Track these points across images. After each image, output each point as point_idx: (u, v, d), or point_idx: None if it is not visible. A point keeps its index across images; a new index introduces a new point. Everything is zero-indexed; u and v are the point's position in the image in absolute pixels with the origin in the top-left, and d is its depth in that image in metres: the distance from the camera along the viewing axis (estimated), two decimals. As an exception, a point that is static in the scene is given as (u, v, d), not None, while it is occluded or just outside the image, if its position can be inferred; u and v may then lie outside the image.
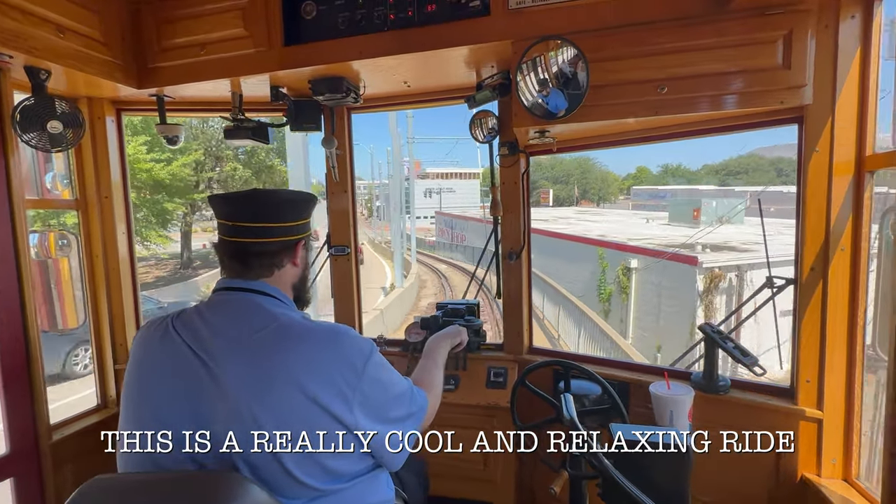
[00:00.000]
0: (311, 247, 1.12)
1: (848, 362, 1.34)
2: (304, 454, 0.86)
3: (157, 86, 1.87)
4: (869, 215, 1.29)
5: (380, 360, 0.97)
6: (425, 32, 1.57)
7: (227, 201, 1.01)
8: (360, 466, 0.95)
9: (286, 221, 1.01)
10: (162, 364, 0.93)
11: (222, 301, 0.98)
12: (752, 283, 10.53)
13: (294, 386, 0.86)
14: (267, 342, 0.89)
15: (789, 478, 1.43)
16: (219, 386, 0.87)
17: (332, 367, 0.89)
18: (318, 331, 0.93)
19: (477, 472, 1.86)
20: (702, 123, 1.58)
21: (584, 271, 15.94)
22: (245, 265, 0.99)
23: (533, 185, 12.05)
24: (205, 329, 0.92)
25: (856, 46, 1.27)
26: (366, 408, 0.92)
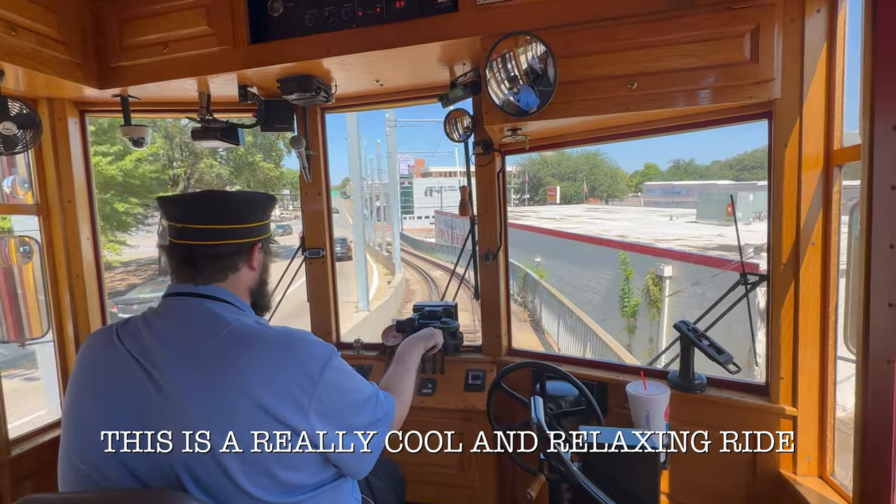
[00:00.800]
0: (270, 250, 1.08)
1: (821, 358, 1.33)
2: (255, 466, 0.81)
3: (121, 86, 1.81)
4: (838, 210, 1.29)
5: (339, 365, 0.93)
6: (394, 29, 1.54)
7: (176, 202, 0.96)
8: (320, 477, 0.91)
9: (241, 223, 0.97)
10: (104, 376, 0.88)
11: (170, 307, 0.93)
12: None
13: (242, 394, 0.81)
14: (215, 350, 0.84)
15: (766, 476, 1.41)
16: (163, 397, 0.82)
17: (285, 375, 0.85)
18: (271, 336, 0.89)
19: (455, 478, 1.83)
20: (674, 120, 1.57)
21: (603, 278, 13.71)
22: (196, 269, 0.94)
23: (539, 181, 12.27)
24: (150, 338, 0.87)
25: (822, 41, 1.27)
26: (324, 416, 0.87)
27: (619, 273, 12.54)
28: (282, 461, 0.84)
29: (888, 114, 0.90)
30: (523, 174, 60.43)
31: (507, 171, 10.68)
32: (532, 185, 60.42)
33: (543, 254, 18.19)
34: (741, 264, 1.52)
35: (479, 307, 2.08)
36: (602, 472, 0.99)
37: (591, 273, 14.42)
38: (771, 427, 1.40)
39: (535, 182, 60.52)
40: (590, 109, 1.42)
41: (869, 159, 0.95)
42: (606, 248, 13.84)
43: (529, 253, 18.97)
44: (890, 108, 0.89)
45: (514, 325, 2.04)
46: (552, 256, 17.43)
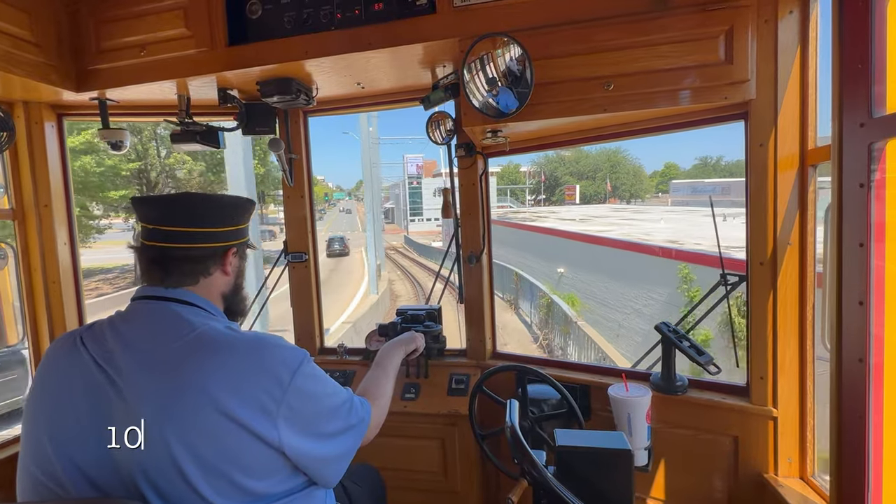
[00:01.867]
0: (245, 255, 1.06)
1: (800, 359, 1.33)
2: (218, 474, 0.79)
3: (98, 88, 1.78)
4: (814, 209, 1.29)
5: (311, 371, 0.91)
6: (373, 31, 1.53)
7: (150, 204, 0.94)
8: (288, 485, 0.89)
9: (215, 227, 0.95)
10: (65, 382, 0.86)
11: (137, 311, 0.91)
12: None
13: (205, 399, 0.79)
14: (180, 354, 0.82)
15: (747, 478, 1.40)
16: (125, 403, 0.80)
17: (253, 380, 0.82)
18: (239, 341, 0.86)
19: (437, 483, 1.80)
20: (653, 121, 1.57)
21: (653, 298, 10.38)
22: (166, 272, 0.92)
23: (556, 180, 12.00)
24: (115, 342, 0.85)
25: (795, 42, 1.28)
26: (293, 423, 0.85)
27: (678, 293, 9.23)
28: (247, 469, 0.81)
29: (855, 111, 0.90)
30: (539, 173, 56.74)
31: (522, 170, 10.76)
32: (549, 184, 57.24)
33: (568, 263, 15.30)
34: (721, 264, 1.52)
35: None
36: (577, 475, 0.97)
37: (633, 290, 10.97)
38: (751, 428, 1.40)
39: (552, 181, 57.41)
40: (567, 111, 1.41)
41: (838, 157, 0.95)
42: (652, 256, 10.50)
43: (550, 261, 16.48)
44: (857, 105, 0.90)
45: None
46: (579, 266, 14.21)
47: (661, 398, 1.51)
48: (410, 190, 55.37)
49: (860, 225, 0.90)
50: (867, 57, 0.87)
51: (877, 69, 0.86)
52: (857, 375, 0.92)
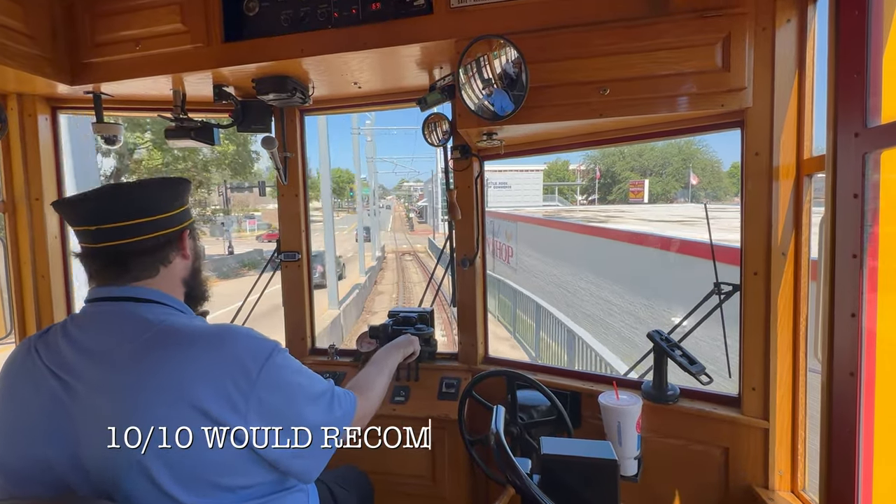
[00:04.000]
0: (197, 235, 1.03)
1: (792, 370, 1.32)
2: (189, 473, 0.77)
3: (93, 82, 1.77)
4: (808, 220, 1.28)
5: (284, 362, 0.87)
6: (369, 30, 1.53)
7: (79, 203, 0.89)
8: (266, 480, 0.86)
9: (161, 213, 0.90)
10: (19, 391, 0.83)
11: (90, 315, 0.87)
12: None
13: (171, 397, 0.76)
14: (142, 351, 0.79)
15: (737, 490, 1.39)
16: (82, 409, 0.78)
17: (219, 373, 0.79)
18: (203, 334, 0.83)
19: (425, 488, 1.78)
20: (649, 127, 1.56)
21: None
22: (124, 268, 0.88)
23: (613, 177, 11.31)
24: (69, 348, 0.82)
25: (793, 50, 1.27)
26: (264, 416, 0.82)
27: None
28: (218, 466, 0.79)
29: (850, 121, 0.89)
30: (593, 170, 48.47)
31: (572, 168, 10.42)
32: (605, 182, 48.54)
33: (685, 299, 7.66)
34: (715, 273, 1.51)
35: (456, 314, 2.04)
36: (562, 484, 0.95)
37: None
38: (742, 440, 1.38)
39: (609, 178, 48.65)
40: (563, 115, 1.40)
41: (833, 167, 0.94)
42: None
43: (649, 295, 9.26)
44: (852, 115, 0.88)
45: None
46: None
47: (652, 407, 1.49)
48: (444, 186, 49.37)
49: (854, 236, 0.89)
50: (863, 67, 0.86)
51: (872, 80, 0.85)
52: (848, 389, 0.91)
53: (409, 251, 35.68)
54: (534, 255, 17.16)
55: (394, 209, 46.26)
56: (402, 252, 32.53)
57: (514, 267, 19.13)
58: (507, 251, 20.72)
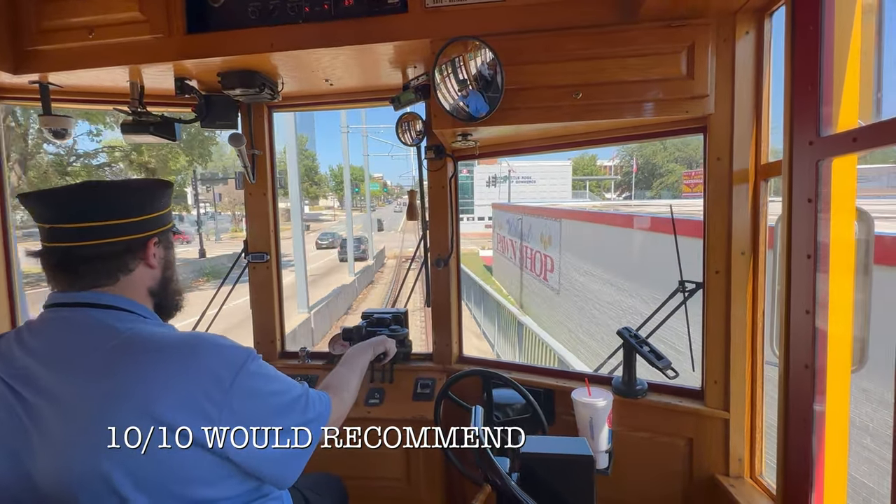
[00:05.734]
0: (171, 244, 0.97)
1: (750, 363, 1.39)
2: (159, 489, 0.73)
3: (38, 72, 1.65)
4: (765, 221, 1.35)
5: (257, 368, 0.84)
6: (342, 26, 1.49)
7: (44, 199, 0.84)
8: (241, 490, 0.83)
9: (126, 217, 0.85)
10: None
11: (48, 321, 0.82)
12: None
13: (139, 409, 0.72)
14: (106, 362, 0.74)
15: (700, 478, 1.46)
16: (39, 423, 0.72)
17: (188, 384, 0.76)
18: (171, 343, 0.79)
19: (400, 490, 1.77)
20: (618, 131, 1.61)
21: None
22: (74, 274, 0.82)
23: (654, 170, 10.71)
24: (25, 357, 0.77)
25: (751, 61, 1.34)
26: (238, 425, 0.78)
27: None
28: (190, 480, 0.75)
29: (805, 130, 0.95)
30: (628, 163, 42.98)
31: (600, 164, 10.07)
32: (643, 176, 42.92)
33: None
34: (680, 272, 1.58)
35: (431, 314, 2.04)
36: (540, 481, 0.97)
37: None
38: (705, 430, 1.45)
39: (647, 171, 42.96)
40: (537, 117, 1.43)
41: (788, 173, 1.00)
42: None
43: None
44: (806, 124, 0.94)
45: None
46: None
47: (622, 402, 1.54)
48: (459, 180, 45.09)
49: (808, 237, 0.95)
50: (816, 80, 0.92)
51: (825, 91, 0.91)
52: (803, 380, 0.97)
53: (408, 258, 31.97)
54: (592, 271, 10.32)
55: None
56: (405, 258, 26.88)
57: (556, 287, 12.50)
58: (543, 263, 13.80)
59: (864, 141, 0.81)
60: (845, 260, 0.95)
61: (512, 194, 33.91)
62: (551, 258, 13.07)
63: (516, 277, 17.19)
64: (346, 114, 19.54)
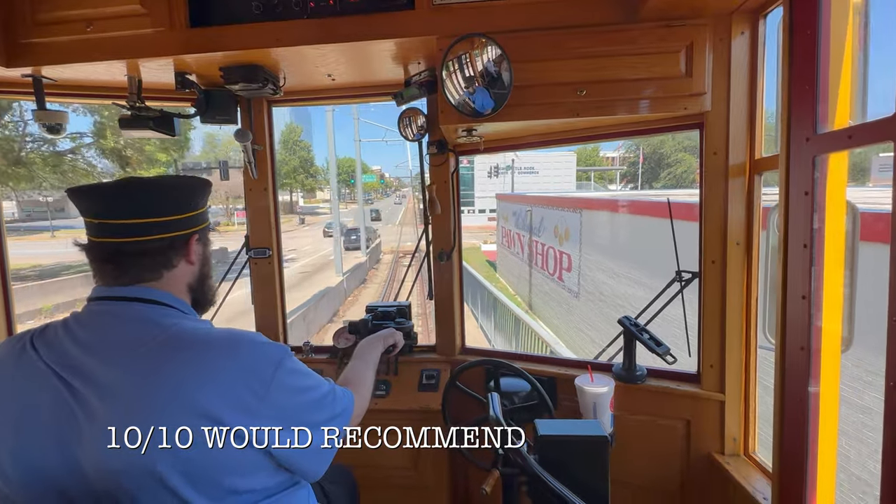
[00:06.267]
0: (209, 241, 0.99)
1: (745, 348, 1.47)
2: (202, 477, 0.75)
3: (32, 65, 1.61)
4: (759, 213, 1.43)
5: (293, 365, 0.88)
6: (348, 22, 1.50)
7: (91, 195, 0.85)
8: (271, 482, 0.86)
9: (172, 214, 0.87)
10: (17, 391, 0.78)
11: (96, 313, 0.83)
12: None
13: (185, 403, 0.75)
14: (150, 357, 0.77)
15: (698, 457, 1.54)
16: (89, 413, 0.74)
17: (232, 379, 0.78)
18: (215, 340, 0.82)
19: (408, 479, 1.81)
20: (616, 126, 1.66)
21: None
22: (121, 269, 0.84)
23: (661, 160, 10.38)
24: (73, 347, 0.78)
25: (746, 60, 1.40)
26: (277, 419, 0.82)
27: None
28: (231, 469, 0.78)
29: (802, 127, 1.01)
30: (635, 154, 39.88)
31: (607, 155, 9.76)
32: (649, 166, 39.41)
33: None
34: (677, 262, 1.65)
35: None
36: (558, 463, 1.02)
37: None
38: (702, 412, 1.53)
39: (654, 161, 39.57)
40: (542, 113, 1.46)
41: (786, 167, 1.06)
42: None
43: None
44: (804, 122, 1.01)
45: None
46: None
47: (623, 387, 1.61)
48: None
49: (804, 228, 1.02)
50: (813, 80, 0.98)
51: (821, 90, 0.98)
52: (799, 361, 1.04)
53: (412, 252, 26.34)
54: (622, 272, 8.39)
55: (408, 200, 42.34)
56: (403, 253, 24.87)
57: (575, 290, 10.57)
58: (557, 260, 11.76)
59: (858, 138, 0.88)
60: (837, 248, 1.02)
61: (515, 185, 31.91)
62: (569, 256, 10.94)
63: (525, 275, 15.18)
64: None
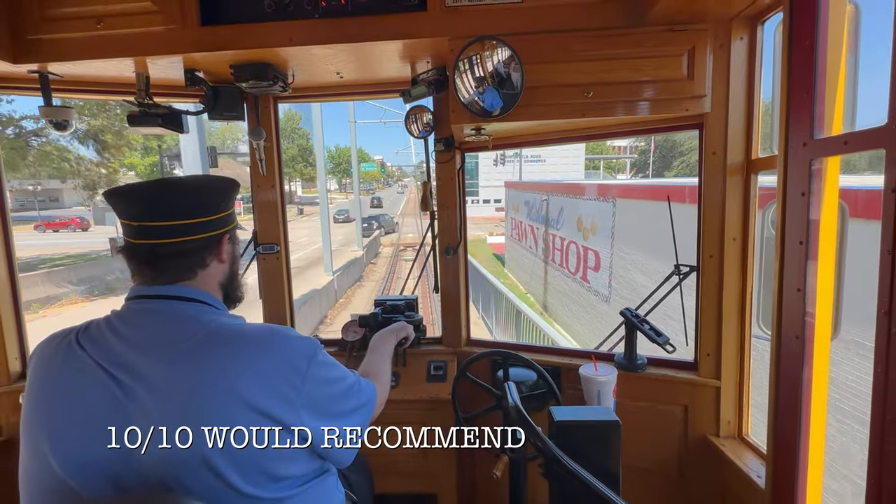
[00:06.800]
0: (238, 239, 1.03)
1: (740, 337, 1.56)
2: (246, 463, 0.80)
3: (40, 61, 1.61)
4: (755, 210, 1.51)
5: (324, 358, 0.93)
6: (360, 23, 1.53)
7: (128, 197, 0.88)
8: (309, 468, 0.92)
9: (206, 215, 0.91)
10: (66, 387, 0.81)
11: (138, 312, 0.87)
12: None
13: (229, 394, 0.79)
14: (194, 352, 0.81)
15: (695, 439, 1.63)
16: (137, 405, 0.78)
17: (271, 372, 0.83)
18: (253, 335, 0.86)
19: (417, 466, 1.88)
20: (621, 125, 1.72)
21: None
22: (159, 269, 0.88)
23: (673, 148, 10.18)
24: (119, 344, 0.82)
25: (744, 64, 1.47)
26: (312, 409, 0.87)
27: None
28: (273, 456, 0.83)
29: (800, 132, 1.08)
30: (647, 142, 37.08)
31: (612, 144, 9.56)
32: (660, 155, 38.30)
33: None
34: (676, 256, 1.73)
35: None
36: (572, 447, 1.09)
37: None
38: (699, 398, 1.62)
39: (667, 149, 38.08)
40: (550, 114, 1.52)
41: (784, 169, 1.13)
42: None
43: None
44: (801, 127, 1.08)
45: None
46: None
47: (625, 375, 1.69)
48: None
49: (800, 226, 1.10)
50: (811, 88, 1.05)
51: (818, 98, 1.05)
52: (794, 349, 1.12)
53: (413, 244, 23.01)
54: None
55: (410, 191, 41.25)
56: (403, 246, 23.24)
57: (605, 293, 9.27)
58: (581, 258, 10.36)
59: (853, 144, 0.95)
60: (830, 245, 1.10)
61: (522, 175, 30.26)
62: (596, 252, 9.61)
63: (538, 273, 13.71)
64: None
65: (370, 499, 1.45)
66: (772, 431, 1.22)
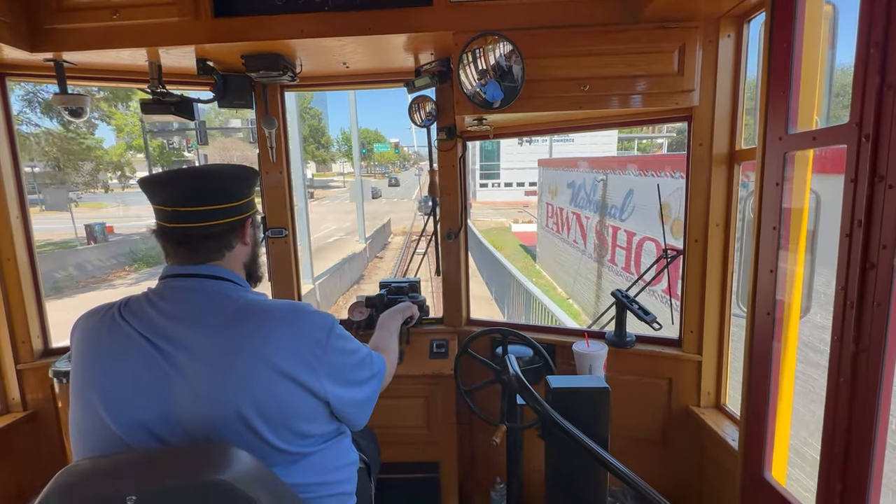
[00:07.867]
0: (258, 223, 1.13)
1: (720, 316, 1.69)
2: (278, 422, 0.91)
3: (56, 50, 1.66)
4: (737, 198, 1.62)
5: (341, 331, 1.04)
6: (369, 16, 1.60)
7: (160, 185, 0.97)
8: (329, 428, 1.03)
9: (231, 201, 1.00)
10: (112, 355, 0.91)
11: (175, 289, 0.96)
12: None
13: (261, 361, 0.89)
14: (228, 324, 0.91)
15: (678, 409, 1.78)
16: (179, 371, 0.88)
17: (297, 343, 0.94)
18: (279, 309, 0.96)
19: (421, 436, 2.01)
20: (613, 118, 1.82)
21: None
22: (192, 250, 0.98)
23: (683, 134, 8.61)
24: (159, 318, 0.91)
25: (730, 60, 1.56)
26: (332, 376, 0.98)
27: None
28: (299, 416, 0.94)
29: (776, 127, 1.19)
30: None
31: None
32: (677, 141, 34.24)
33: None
34: (664, 241, 1.84)
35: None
36: (567, 412, 1.22)
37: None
38: (682, 371, 1.76)
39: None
40: (549, 105, 1.61)
41: (761, 161, 1.24)
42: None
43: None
44: (778, 123, 1.18)
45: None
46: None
47: (615, 351, 1.82)
48: (483, 146, 30.41)
49: (774, 213, 1.21)
50: (787, 87, 1.15)
51: (793, 95, 1.15)
52: (766, 324, 1.25)
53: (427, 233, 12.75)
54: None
55: (425, 174, 41.91)
56: (415, 234, 14.72)
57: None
58: (631, 251, 8.46)
59: (821, 139, 1.06)
60: (800, 231, 1.22)
61: (554, 154, 26.56)
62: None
63: (587, 274, 11.10)
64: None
65: (378, 463, 1.58)
66: (745, 398, 1.35)
